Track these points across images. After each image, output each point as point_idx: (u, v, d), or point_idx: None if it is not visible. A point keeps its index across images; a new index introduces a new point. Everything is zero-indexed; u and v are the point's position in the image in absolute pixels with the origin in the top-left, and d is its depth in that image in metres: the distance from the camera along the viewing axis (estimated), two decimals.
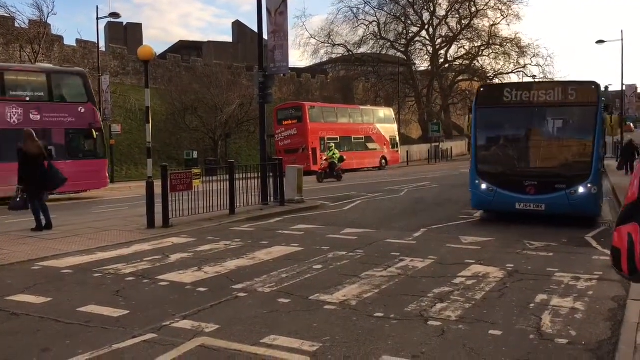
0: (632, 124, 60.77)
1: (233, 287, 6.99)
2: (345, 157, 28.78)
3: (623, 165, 28.39)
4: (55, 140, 19.41)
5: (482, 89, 13.40)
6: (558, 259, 8.57)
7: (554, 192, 11.58)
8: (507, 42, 53.38)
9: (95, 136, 21.26)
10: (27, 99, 19.76)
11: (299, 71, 57.95)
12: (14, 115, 19.12)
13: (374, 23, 55.32)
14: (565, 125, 12.75)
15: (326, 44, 56.25)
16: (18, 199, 11.40)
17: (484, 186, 12.36)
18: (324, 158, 28.33)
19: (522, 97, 12.23)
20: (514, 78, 55.23)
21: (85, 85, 21.31)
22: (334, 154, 27.50)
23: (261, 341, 5.02)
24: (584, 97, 11.82)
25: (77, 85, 21.31)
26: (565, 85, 12.37)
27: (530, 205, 11.74)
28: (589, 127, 11.80)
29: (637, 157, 28.15)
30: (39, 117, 19.58)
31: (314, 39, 55.22)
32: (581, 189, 11.45)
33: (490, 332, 5.29)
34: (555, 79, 44.11)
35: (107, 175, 22.91)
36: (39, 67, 21.99)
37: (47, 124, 19.69)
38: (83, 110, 20.87)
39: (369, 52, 57.58)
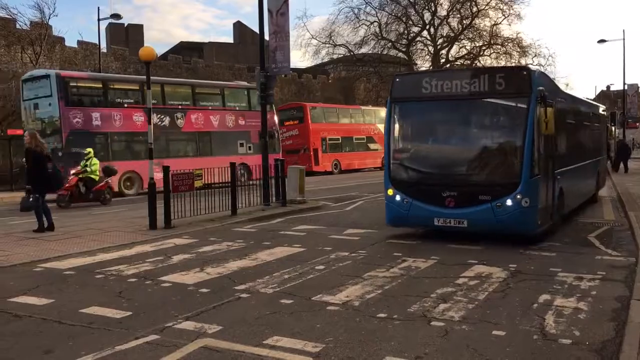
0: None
1: (235, 288, 6.98)
2: (117, 169, 19.33)
3: (618, 165, 28.85)
4: (252, 140, 25.34)
5: (397, 79, 10.93)
6: (561, 259, 8.55)
7: (478, 204, 9.46)
8: (509, 42, 53.34)
9: (275, 136, 26.28)
10: (237, 108, 25.99)
11: (300, 72, 57.94)
12: (230, 120, 25.33)
13: (375, 23, 55.31)
14: (492, 121, 10.35)
15: (327, 45, 56.21)
16: (30, 199, 11.47)
17: (398, 197, 10.24)
18: (73, 172, 17.67)
19: (442, 87, 10.00)
20: None
21: None
22: (87, 165, 17.73)
23: (264, 342, 5.02)
24: (514, 86, 9.52)
25: None
26: (492, 72, 10.33)
27: (450, 221, 9.69)
28: (518, 123, 9.53)
29: (630, 155, 28.84)
30: (243, 122, 25.63)
31: (315, 39, 55.18)
32: (509, 202, 9.28)
33: (494, 332, 5.28)
34: (558, 79, 43.97)
35: None
36: (242, 84, 28.53)
37: (248, 127, 25.47)
38: (269, 117, 23.45)
39: (370, 52, 57.54)
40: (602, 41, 42.16)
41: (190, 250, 9.60)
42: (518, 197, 9.25)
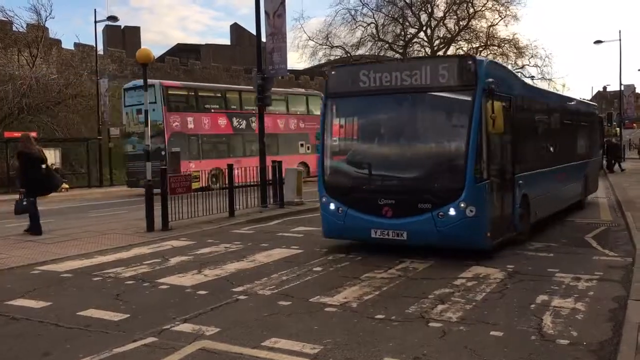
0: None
1: (233, 289, 6.98)
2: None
3: (613, 165, 29.25)
4: (310, 142, 27.43)
5: (333, 72, 9.83)
6: (558, 260, 8.56)
7: (418, 214, 8.35)
8: (505, 43, 53.40)
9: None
10: (298, 112, 28.46)
11: (297, 73, 57.98)
12: (293, 123, 27.92)
13: (372, 25, 55.36)
14: (435, 118, 9.17)
15: (324, 46, 56.18)
16: (24, 202, 11.45)
17: (332, 206, 9.15)
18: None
19: (382, 81, 8.93)
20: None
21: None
22: None
23: (262, 344, 5.01)
24: (458, 77, 8.41)
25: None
26: (435, 62, 9.30)
27: (388, 232, 8.57)
28: (463, 121, 8.39)
29: (622, 154, 29.46)
30: (303, 125, 28.09)
31: (312, 40, 55.17)
32: (452, 211, 8.14)
33: (492, 333, 5.28)
34: (554, 80, 44.04)
35: None
36: (301, 91, 31.19)
37: (307, 130, 27.72)
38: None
39: (367, 53, 57.53)
40: (598, 42, 42.23)
41: (188, 252, 9.59)
42: (462, 205, 8.10)
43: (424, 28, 56.04)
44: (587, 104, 17.83)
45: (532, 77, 50.02)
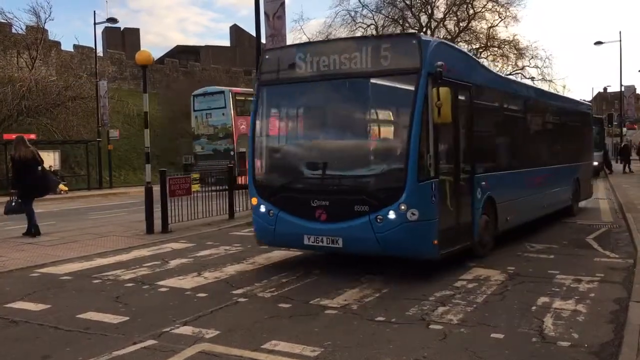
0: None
1: (233, 292, 6.95)
2: None
3: (625, 167, 29.44)
4: None
5: (267, 55, 8.71)
6: (559, 261, 8.55)
7: (354, 217, 7.25)
8: (505, 44, 53.42)
9: None
10: None
11: None
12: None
13: (372, 26, 55.40)
14: (376, 107, 8.00)
15: None
16: (13, 204, 11.51)
17: (263, 208, 8.05)
18: None
19: (319, 65, 7.83)
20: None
21: None
22: None
23: (262, 346, 4.99)
24: (401, 60, 7.33)
25: None
26: (377, 42, 7.99)
27: (322, 239, 7.48)
28: (405, 110, 7.29)
29: (632, 157, 29.53)
30: None
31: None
32: (391, 214, 7.02)
33: (492, 335, 5.26)
34: (554, 81, 43.99)
35: None
36: None
37: None
38: None
39: None
40: (598, 43, 42.25)
41: (188, 254, 9.57)
42: (402, 207, 6.97)
43: (424, 29, 56.09)
44: (579, 102, 16.69)
45: (533, 79, 50.07)
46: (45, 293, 7.08)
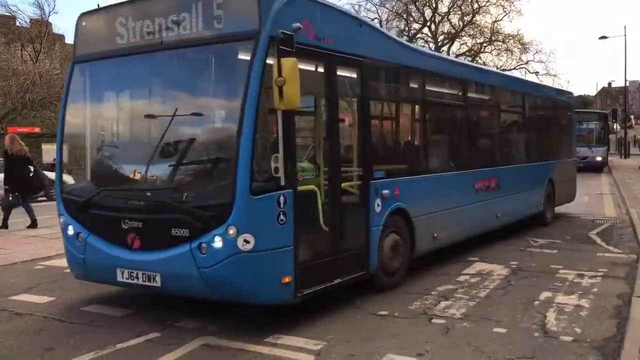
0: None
1: None
2: None
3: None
4: None
5: (83, 22, 6.35)
6: (562, 256, 8.54)
7: (171, 245, 5.16)
8: (510, 39, 53.23)
9: None
10: None
11: None
12: None
13: (376, 20, 55.25)
14: (202, 90, 5.81)
15: None
16: (10, 198, 11.70)
17: (71, 230, 5.95)
18: None
19: (142, 32, 5.72)
20: (516, 75, 55.11)
21: None
22: None
23: (265, 340, 5.01)
24: (237, 20, 5.27)
25: None
26: None
27: (136, 274, 5.37)
28: (236, 91, 5.17)
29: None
30: None
31: None
32: (217, 241, 4.93)
33: (495, 329, 5.27)
34: (558, 75, 43.82)
35: None
36: None
37: None
38: None
39: None
40: (603, 37, 42.10)
41: None
42: (230, 232, 4.88)
43: (428, 23, 55.91)
44: (555, 90, 14.35)
45: (537, 73, 49.93)
46: (50, 286, 7.11)
